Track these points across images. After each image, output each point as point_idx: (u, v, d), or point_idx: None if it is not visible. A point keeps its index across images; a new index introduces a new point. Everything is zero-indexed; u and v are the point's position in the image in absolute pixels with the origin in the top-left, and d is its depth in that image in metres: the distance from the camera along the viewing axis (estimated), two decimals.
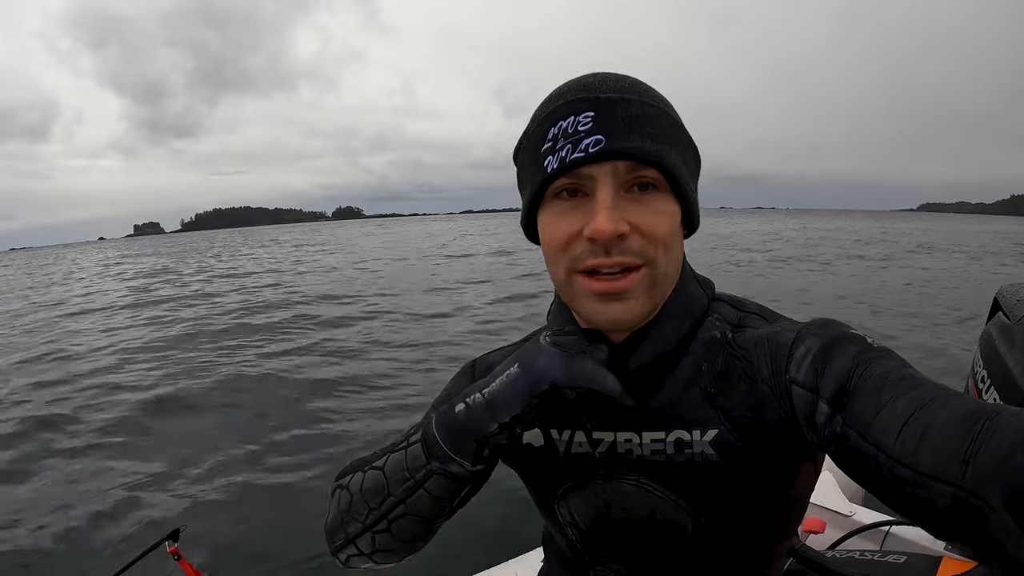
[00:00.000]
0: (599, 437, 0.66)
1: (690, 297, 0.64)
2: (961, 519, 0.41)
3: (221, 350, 8.88)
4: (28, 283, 27.01)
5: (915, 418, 0.45)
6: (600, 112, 0.55)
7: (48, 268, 33.90)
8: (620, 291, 0.56)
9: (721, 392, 0.61)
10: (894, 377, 0.50)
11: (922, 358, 6.61)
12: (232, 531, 3.66)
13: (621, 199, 0.55)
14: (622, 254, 0.55)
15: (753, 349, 0.61)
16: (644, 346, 0.62)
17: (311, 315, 11.69)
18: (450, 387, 0.76)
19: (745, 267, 17.45)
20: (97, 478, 4.59)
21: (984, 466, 0.40)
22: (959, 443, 0.42)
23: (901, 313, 10.08)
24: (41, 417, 6.12)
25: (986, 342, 1.03)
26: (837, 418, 0.51)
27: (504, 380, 0.59)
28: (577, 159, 0.54)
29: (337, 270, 21.97)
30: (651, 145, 0.55)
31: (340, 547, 0.67)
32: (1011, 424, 0.40)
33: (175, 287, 18.90)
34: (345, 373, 7.23)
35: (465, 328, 9.74)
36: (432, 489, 0.61)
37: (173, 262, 34.66)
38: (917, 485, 0.44)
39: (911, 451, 0.44)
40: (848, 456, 0.50)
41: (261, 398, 6.39)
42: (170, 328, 11.15)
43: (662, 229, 0.56)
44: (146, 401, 6.40)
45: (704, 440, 0.61)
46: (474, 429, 0.59)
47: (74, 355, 9.25)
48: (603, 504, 0.67)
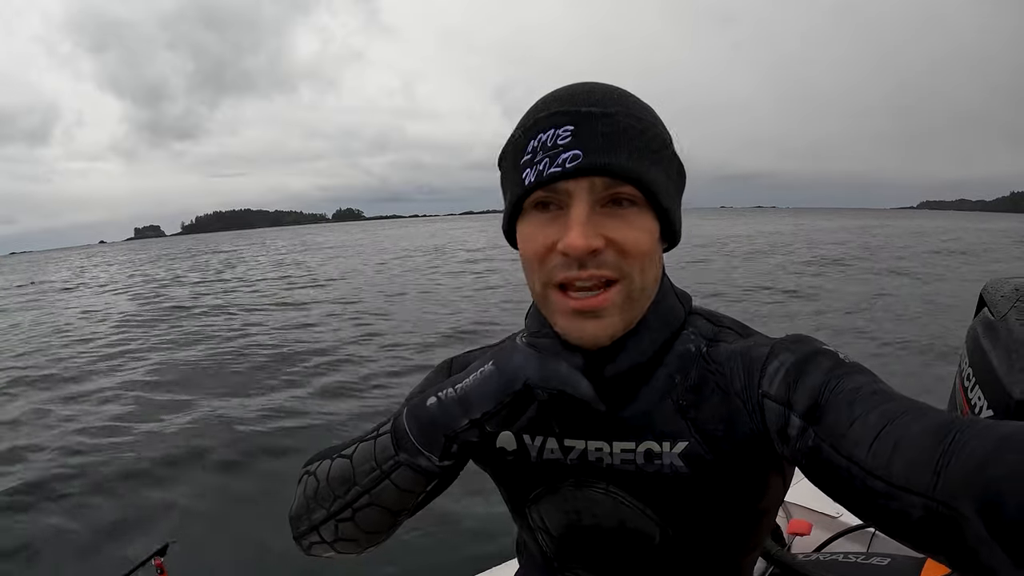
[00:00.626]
0: (570, 444, 0.66)
1: (669, 310, 0.65)
2: (935, 530, 0.41)
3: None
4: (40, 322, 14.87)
5: (887, 431, 0.46)
6: (580, 126, 0.55)
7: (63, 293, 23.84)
8: (595, 308, 0.57)
9: (693, 404, 0.62)
10: (866, 391, 0.50)
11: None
12: (221, 552, 3.62)
13: (597, 214, 0.55)
14: (597, 268, 0.56)
15: (727, 363, 0.62)
16: (621, 356, 0.62)
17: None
18: (425, 383, 0.77)
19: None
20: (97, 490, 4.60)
21: (956, 476, 0.40)
22: (931, 454, 0.42)
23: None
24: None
25: (972, 339, 1.02)
26: (809, 431, 0.52)
27: (478, 376, 0.60)
28: (554, 174, 0.54)
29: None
30: (629, 162, 0.55)
31: (304, 533, 0.68)
32: (982, 435, 0.41)
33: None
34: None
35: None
36: (398, 481, 0.61)
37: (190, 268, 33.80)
38: (890, 497, 0.44)
39: (883, 463, 0.45)
40: (821, 469, 0.50)
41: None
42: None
43: (639, 245, 0.56)
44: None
45: (674, 452, 0.62)
46: (444, 423, 0.59)
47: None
48: (573, 511, 0.68)
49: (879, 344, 7.99)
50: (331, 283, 19.10)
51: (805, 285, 13.77)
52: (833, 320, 9.77)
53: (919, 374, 6.36)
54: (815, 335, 0.62)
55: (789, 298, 12.18)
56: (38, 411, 6.80)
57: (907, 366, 6.88)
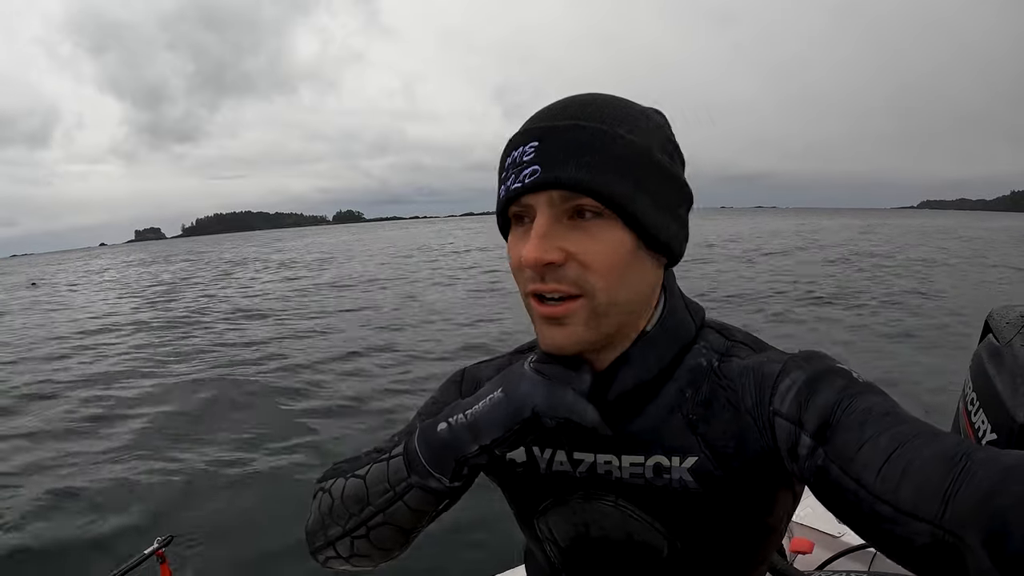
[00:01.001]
0: (579, 457, 0.67)
1: (678, 324, 0.65)
2: (939, 558, 0.42)
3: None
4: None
5: (897, 454, 0.46)
6: (544, 142, 0.56)
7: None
8: (558, 316, 0.58)
9: (703, 420, 0.62)
10: (877, 413, 0.50)
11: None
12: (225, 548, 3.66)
13: (561, 226, 0.56)
14: (557, 282, 0.57)
15: (738, 379, 0.62)
16: (625, 373, 0.62)
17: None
18: (437, 395, 0.78)
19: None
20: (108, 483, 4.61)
21: (963, 506, 0.40)
22: (939, 482, 0.42)
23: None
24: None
25: (976, 364, 1.05)
26: (819, 451, 0.51)
27: (487, 403, 0.61)
28: (516, 189, 0.57)
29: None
30: (585, 174, 0.54)
31: (320, 548, 0.70)
32: (991, 464, 0.41)
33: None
34: None
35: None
36: (411, 502, 0.64)
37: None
38: (896, 522, 0.44)
39: (892, 488, 0.45)
40: (829, 489, 0.51)
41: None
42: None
43: (601, 258, 0.56)
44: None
45: (683, 467, 0.62)
46: (455, 448, 0.61)
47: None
48: (582, 523, 0.69)
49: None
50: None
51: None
52: None
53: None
54: (829, 351, 0.61)
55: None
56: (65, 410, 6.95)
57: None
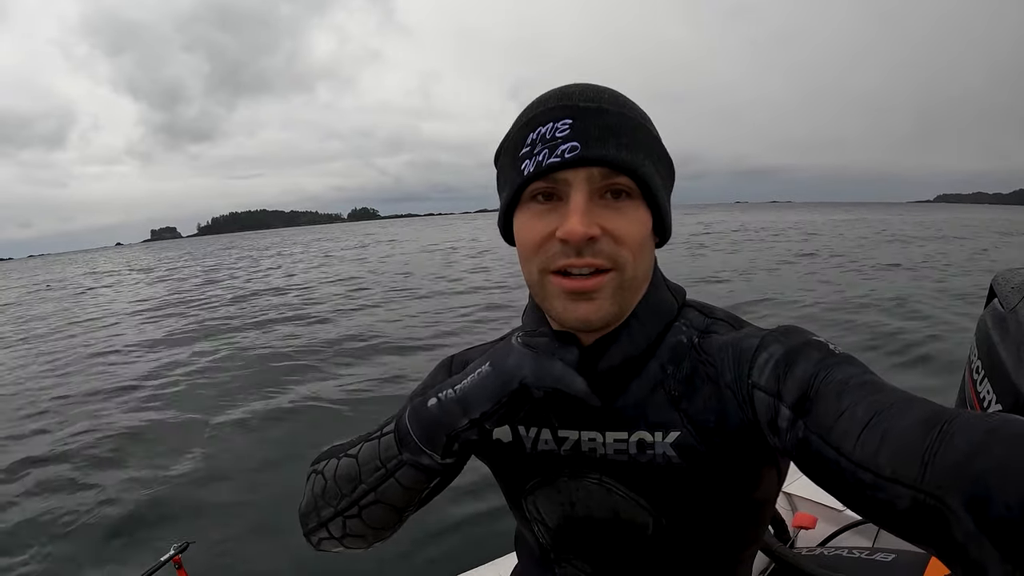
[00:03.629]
0: (564, 435, 0.67)
1: (660, 302, 0.66)
2: (922, 521, 0.41)
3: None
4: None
5: (875, 422, 0.46)
6: (578, 120, 0.57)
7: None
8: (589, 290, 0.58)
9: (685, 395, 0.63)
10: (855, 383, 0.51)
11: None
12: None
13: (595, 204, 0.57)
14: (593, 256, 0.57)
15: (718, 354, 0.63)
16: (614, 349, 0.64)
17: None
18: (428, 380, 0.79)
19: None
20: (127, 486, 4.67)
21: (943, 468, 0.40)
22: (918, 446, 0.42)
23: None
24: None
25: (981, 331, 1.00)
26: (799, 423, 0.52)
27: (476, 378, 0.61)
28: (553, 163, 0.56)
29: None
30: (626, 154, 0.57)
31: (313, 530, 0.70)
32: (969, 426, 0.41)
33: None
34: None
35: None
36: (402, 479, 0.64)
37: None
38: (877, 488, 0.44)
39: (871, 454, 0.45)
40: (810, 460, 0.51)
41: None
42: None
43: (633, 234, 0.58)
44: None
45: (666, 442, 0.63)
46: (445, 423, 0.61)
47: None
48: (568, 502, 0.70)
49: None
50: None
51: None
52: None
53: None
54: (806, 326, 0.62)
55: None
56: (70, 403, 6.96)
57: None
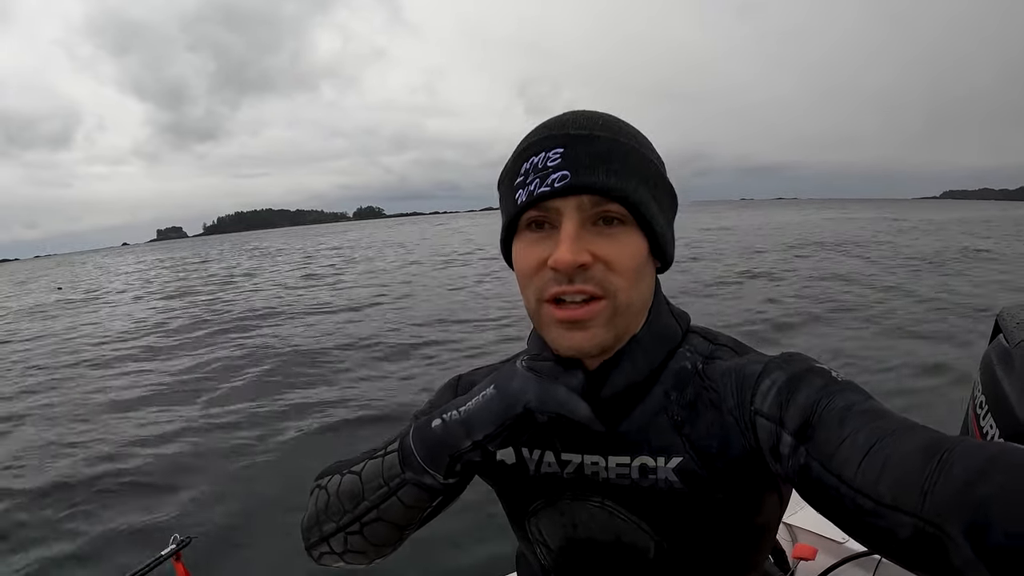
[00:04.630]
0: (567, 458, 0.68)
1: (664, 328, 0.66)
2: (922, 549, 0.42)
3: None
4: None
5: (876, 449, 0.46)
6: (568, 148, 0.58)
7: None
8: (582, 319, 0.59)
9: (688, 421, 0.63)
10: (857, 410, 0.51)
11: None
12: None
13: (587, 231, 0.58)
14: (584, 283, 0.58)
15: (721, 380, 0.63)
16: (617, 374, 0.64)
17: None
18: (434, 399, 0.79)
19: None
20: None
21: (943, 496, 0.40)
22: (919, 474, 0.42)
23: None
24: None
25: (986, 366, 1.02)
26: (801, 450, 0.52)
27: (480, 400, 0.62)
28: (544, 193, 0.57)
29: None
30: (615, 181, 0.57)
31: (314, 544, 0.71)
32: (969, 454, 0.41)
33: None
34: None
35: None
36: (404, 498, 0.65)
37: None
38: (878, 515, 0.44)
39: (872, 481, 0.45)
40: (811, 487, 0.51)
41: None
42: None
43: (625, 261, 0.58)
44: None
45: (668, 467, 0.63)
46: (449, 445, 0.62)
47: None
48: (570, 524, 0.69)
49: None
50: None
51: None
52: None
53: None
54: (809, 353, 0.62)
55: None
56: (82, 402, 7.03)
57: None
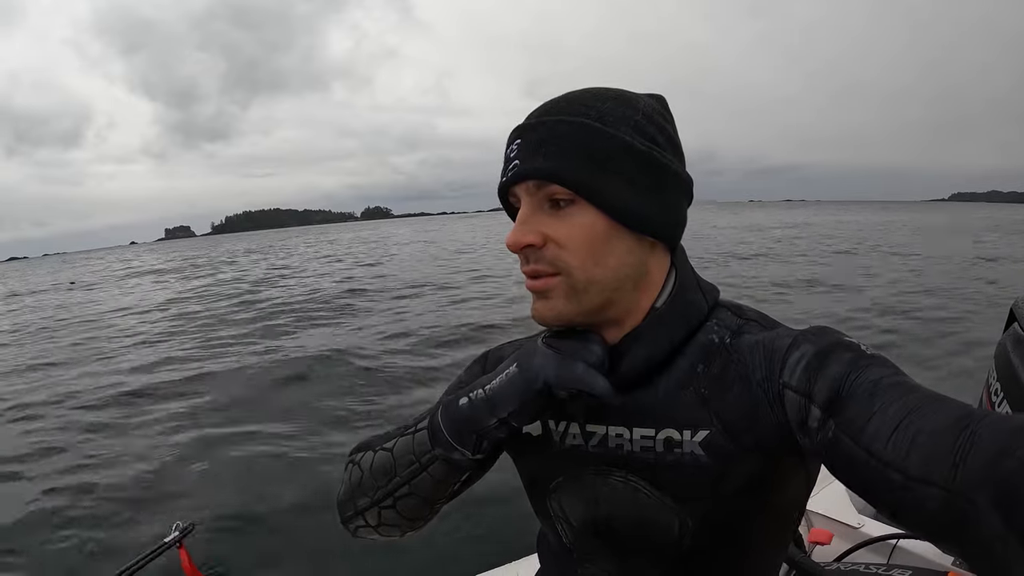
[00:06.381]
0: (592, 430, 0.68)
1: (688, 303, 0.66)
2: (951, 522, 0.42)
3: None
4: None
5: (905, 423, 0.46)
6: (522, 139, 0.62)
7: None
8: (539, 290, 0.63)
9: (715, 395, 0.62)
10: (886, 384, 0.51)
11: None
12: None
13: (543, 214, 0.62)
14: (537, 262, 0.62)
15: (749, 353, 0.62)
16: (637, 348, 0.64)
17: None
18: (463, 376, 0.81)
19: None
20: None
21: (973, 469, 0.41)
22: (948, 447, 0.43)
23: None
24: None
25: (1001, 354, 1.02)
26: (830, 423, 0.52)
27: (503, 379, 0.64)
28: (502, 183, 0.64)
29: None
30: (549, 164, 0.59)
31: (350, 518, 0.75)
32: (999, 426, 0.41)
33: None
34: None
35: None
36: (435, 473, 0.68)
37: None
38: (907, 489, 0.45)
39: (902, 455, 0.45)
40: (841, 461, 0.51)
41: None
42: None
43: (575, 239, 0.60)
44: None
45: (694, 440, 0.62)
46: (475, 422, 0.64)
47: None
48: (593, 500, 0.69)
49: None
50: None
51: None
52: None
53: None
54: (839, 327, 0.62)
55: None
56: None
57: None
